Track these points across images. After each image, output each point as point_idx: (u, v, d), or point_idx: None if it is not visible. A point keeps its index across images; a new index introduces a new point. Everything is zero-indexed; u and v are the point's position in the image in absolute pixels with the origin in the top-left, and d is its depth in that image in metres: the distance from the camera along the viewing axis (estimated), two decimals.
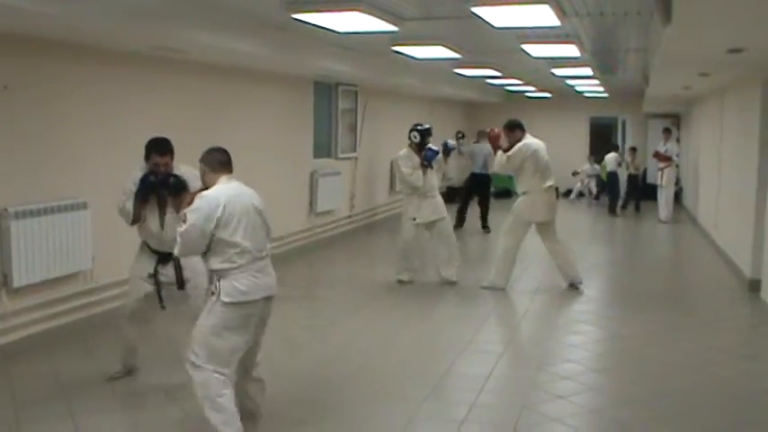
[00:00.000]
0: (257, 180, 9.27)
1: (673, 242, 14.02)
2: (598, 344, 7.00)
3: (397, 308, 8.05)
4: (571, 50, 8.72)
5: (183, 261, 5.20)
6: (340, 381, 5.70)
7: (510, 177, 10.38)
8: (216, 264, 4.28)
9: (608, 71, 12.32)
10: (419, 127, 9.01)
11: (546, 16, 6.14)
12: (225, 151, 4.55)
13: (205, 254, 4.33)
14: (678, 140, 17.43)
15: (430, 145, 8.95)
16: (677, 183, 16.68)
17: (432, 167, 8.94)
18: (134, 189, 5.19)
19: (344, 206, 12.66)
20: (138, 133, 7.14)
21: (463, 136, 15.05)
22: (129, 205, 5.21)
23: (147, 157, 5.26)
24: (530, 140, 8.67)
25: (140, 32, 6.09)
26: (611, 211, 16.60)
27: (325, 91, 11.86)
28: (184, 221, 4.25)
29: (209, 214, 4.18)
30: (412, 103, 16.03)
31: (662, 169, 15.48)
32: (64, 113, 6.58)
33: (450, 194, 16.68)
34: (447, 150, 9.58)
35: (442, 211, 9.03)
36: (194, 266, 5.23)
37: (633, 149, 17.53)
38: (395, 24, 6.73)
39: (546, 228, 8.75)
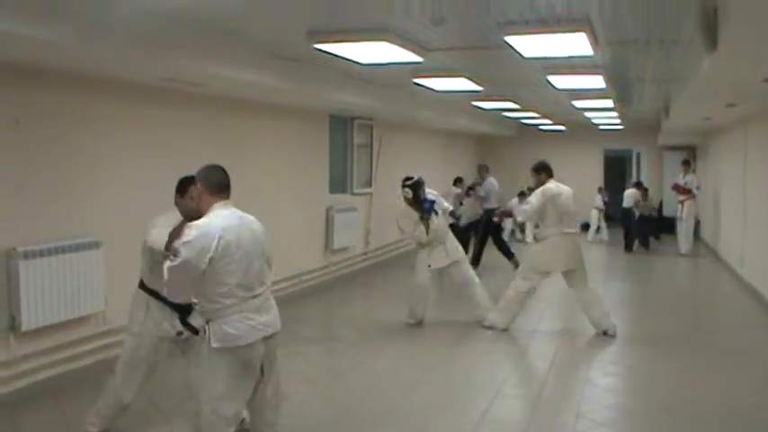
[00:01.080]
0: (274, 217, 9.07)
1: (696, 277, 13.66)
2: (633, 387, 6.67)
3: (421, 348, 7.72)
4: (597, 82, 8.48)
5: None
6: (365, 427, 5.37)
7: None
8: (204, 304, 3.85)
9: (629, 102, 12.07)
10: (408, 182, 8.47)
11: (580, 45, 5.90)
12: (225, 171, 4.02)
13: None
14: (694, 172, 16.98)
15: (426, 195, 8.47)
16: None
17: (436, 213, 8.48)
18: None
19: (360, 243, 12.37)
20: (151, 169, 6.96)
21: (461, 181, 14.65)
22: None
23: (184, 193, 4.64)
24: (552, 185, 8.20)
25: (155, 63, 5.85)
26: (627, 248, 16.08)
27: (341, 125, 11.64)
28: (176, 255, 3.72)
29: (202, 248, 3.69)
30: (426, 137, 15.85)
31: (682, 202, 15.16)
32: (76, 148, 6.32)
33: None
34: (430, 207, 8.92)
35: (456, 254, 8.62)
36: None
37: (645, 190, 16.72)
38: (420, 55, 6.51)
39: (572, 275, 8.23)
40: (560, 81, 8.50)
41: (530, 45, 5.99)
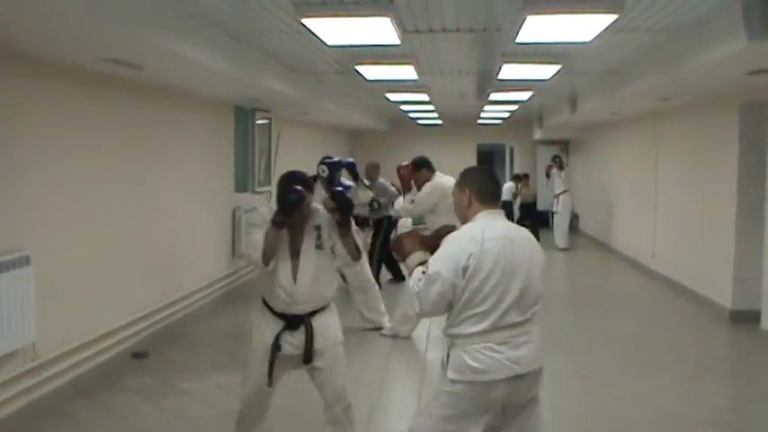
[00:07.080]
0: (179, 219, 7.98)
1: (597, 272, 13.25)
2: (605, 410, 5.72)
3: None
4: (548, 72, 8.02)
5: (317, 326, 3.93)
6: None
7: None
8: (449, 327, 3.20)
9: (549, 96, 11.71)
10: (327, 160, 7.86)
11: (592, 29, 5.41)
12: (494, 176, 3.44)
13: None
14: (563, 167, 16.64)
15: (342, 180, 7.94)
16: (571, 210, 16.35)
17: None
18: (267, 218, 3.82)
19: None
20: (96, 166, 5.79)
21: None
22: (258, 236, 3.77)
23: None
24: (444, 180, 7.54)
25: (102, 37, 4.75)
26: None
27: (243, 117, 10.59)
28: (424, 273, 3.19)
29: (457, 264, 3.10)
30: (308, 131, 14.99)
31: (557, 196, 15.42)
32: None
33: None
34: (353, 170, 8.54)
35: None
36: (326, 331, 3.99)
37: (526, 176, 17.20)
38: (400, 37, 5.78)
39: None
40: (511, 70, 7.91)
41: (548, 28, 5.42)
